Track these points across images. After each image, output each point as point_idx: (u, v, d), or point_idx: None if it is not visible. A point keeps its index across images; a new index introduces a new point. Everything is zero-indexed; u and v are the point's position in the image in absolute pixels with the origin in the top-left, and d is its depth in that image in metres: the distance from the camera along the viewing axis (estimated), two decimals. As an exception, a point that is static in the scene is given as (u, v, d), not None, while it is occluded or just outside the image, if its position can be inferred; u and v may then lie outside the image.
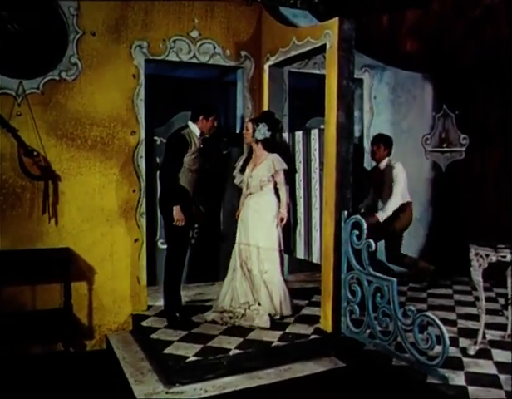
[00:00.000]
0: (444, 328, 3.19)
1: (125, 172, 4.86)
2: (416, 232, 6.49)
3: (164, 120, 5.75)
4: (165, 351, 3.94)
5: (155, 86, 6.15)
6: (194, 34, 5.10)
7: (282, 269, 4.75)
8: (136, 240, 4.93)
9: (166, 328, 4.43)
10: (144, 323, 4.61)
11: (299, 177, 4.87)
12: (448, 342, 3.20)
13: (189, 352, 3.91)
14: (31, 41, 4.50)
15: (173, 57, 5.02)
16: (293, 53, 4.71)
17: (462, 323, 4.52)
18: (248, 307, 4.52)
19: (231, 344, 4.04)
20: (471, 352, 3.79)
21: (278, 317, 4.61)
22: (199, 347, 4.00)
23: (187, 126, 4.57)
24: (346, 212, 4.16)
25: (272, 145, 4.71)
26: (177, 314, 4.59)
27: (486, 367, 3.60)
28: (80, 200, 4.72)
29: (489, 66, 6.14)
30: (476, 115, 6.44)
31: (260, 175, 4.67)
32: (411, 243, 6.41)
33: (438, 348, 3.31)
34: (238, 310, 4.53)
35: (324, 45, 4.24)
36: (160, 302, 4.99)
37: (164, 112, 6.42)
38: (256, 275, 4.63)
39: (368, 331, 3.97)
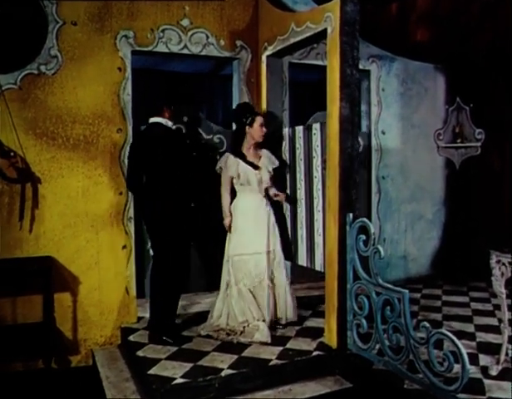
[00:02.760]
0: (464, 350, 2.76)
1: (111, 173, 4.49)
2: (429, 233, 6.10)
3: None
4: (151, 371, 3.54)
5: (148, 81, 5.80)
6: (185, 23, 4.70)
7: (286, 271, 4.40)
8: (124, 247, 4.55)
9: (154, 344, 4.03)
10: (131, 338, 4.22)
11: (300, 176, 4.47)
12: (468, 367, 2.77)
13: (177, 372, 3.51)
14: (6, 32, 4.13)
15: (162, 48, 4.63)
16: (292, 41, 4.30)
17: (481, 337, 4.09)
18: (247, 325, 4.10)
19: (224, 362, 3.64)
20: (493, 372, 3.36)
21: (283, 322, 4.28)
22: (188, 366, 3.60)
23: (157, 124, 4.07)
24: (351, 214, 3.74)
25: None
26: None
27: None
28: (62, 204, 4.36)
29: (505, 54, 5.70)
30: (493, 107, 6.00)
31: (265, 174, 4.29)
32: (423, 244, 6.04)
33: (455, 366, 2.88)
34: (236, 328, 4.11)
35: (325, 30, 3.83)
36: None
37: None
38: (265, 283, 4.21)
39: (377, 346, 3.55)
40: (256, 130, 4.23)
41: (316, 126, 4.23)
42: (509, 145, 5.85)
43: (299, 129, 4.47)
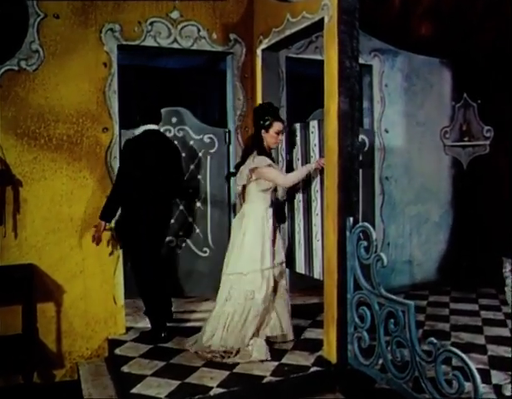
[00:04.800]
0: (476, 372, 2.47)
1: (96, 175, 4.24)
2: (435, 237, 5.82)
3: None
4: (134, 389, 3.26)
5: (138, 78, 5.57)
6: (175, 15, 4.44)
7: None
8: (111, 253, 4.29)
9: (141, 358, 3.76)
10: (117, 351, 3.95)
11: (298, 177, 4.18)
12: (481, 390, 2.47)
13: (163, 390, 3.23)
14: (-16, 26, 3.90)
15: (150, 42, 4.37)
16: (288, 33, 4.02)
17: (493, 350, 3.79)
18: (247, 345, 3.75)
19: (214, 380, 3.35)
20: (508, 392, 3.07)
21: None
22: (175, 383, 3.32)
23: (156, 132, 4.13)
24: (351, 218, 3.45)
25: None
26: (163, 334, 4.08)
27: (529, 414, 2.88)
28: (45, 209, 4.11)
29: (505, 53, 5.41)
30: (498, 105, 5.70)
31: None
32: (430, 248, 5.75)
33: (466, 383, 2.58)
34: (232, 349, 3.70)
35: (322, 19, 3.55)
36: (141, 324, 4.39)
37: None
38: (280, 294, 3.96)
39: (380, 361, 3.26)
40: (271, 137, 3.84)
41: (313, 124, 3.95)
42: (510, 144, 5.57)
43: (296, 126, 4.19)
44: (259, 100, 4.52)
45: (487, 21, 5.61)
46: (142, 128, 4.07)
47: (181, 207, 4.92)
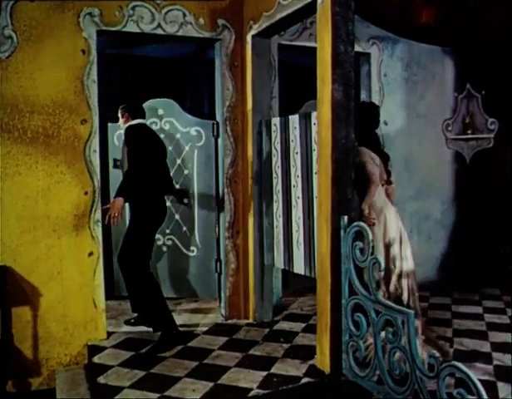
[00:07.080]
0: (483, 391, 2.18)
1: (74, 170, 3.96)
2: (437, 234, 5.55)
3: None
4: (109, 404, 3.01)
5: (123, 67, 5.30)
6: (159, -1, 4.16)
7: None
8: (91, 254, 4.02)
9: (120, 367, 3.50)
10: (96, 359, 3.69)
11: (296, 172, 3.90)
12: (490, 412, 2.21)
13: (140, 404, 2.98)
14: (-49, 9, 3.62)
15: (132, 28, 4.06)
16: (279, 16, 3.73)
17: (499, 358, 3.52)
18: None
19: (197, 392, 3.09)
20: (517, 407, 2.81)
21: None
22: (153, 397, 3.05)
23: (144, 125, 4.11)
24: (346, 217, 3.18)
25: None
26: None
27: (540, 434, 2.62)
28: (19, 206, 3.84)
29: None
30: (507, 94, 5.43)
31: None
32: (431, 247, 5.48)
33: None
34: None
35: (315, 1, 3.26)
36: (125, 329, 4.15)
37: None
38: None
39: (377, 373, 2.99)
40: None
41: (315, 115, 3.66)
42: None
43: (294, 118, 3.88)
44: (249, 90, 4.24)
45: (491, 10, 5.35)
46: (136, 121, 4.02)
47: (168, 203, 4.65)
